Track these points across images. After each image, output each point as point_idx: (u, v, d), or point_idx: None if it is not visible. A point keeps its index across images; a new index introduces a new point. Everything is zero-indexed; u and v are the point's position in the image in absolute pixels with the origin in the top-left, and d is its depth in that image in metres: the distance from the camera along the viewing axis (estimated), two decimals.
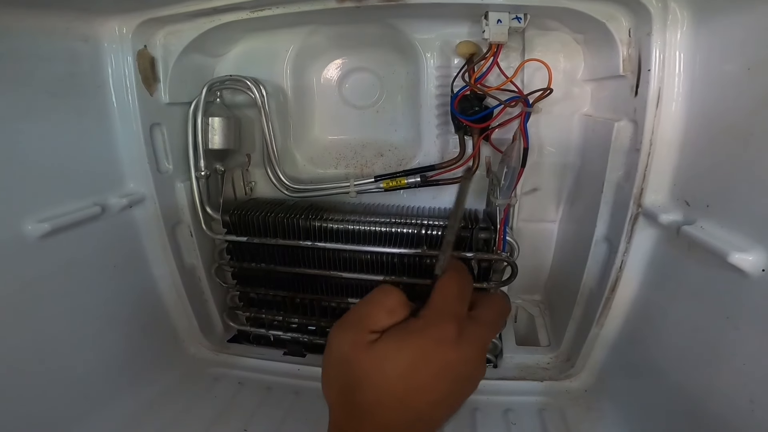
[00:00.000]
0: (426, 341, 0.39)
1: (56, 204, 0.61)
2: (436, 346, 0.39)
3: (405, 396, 0.38)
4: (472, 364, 0.41)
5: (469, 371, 0.41)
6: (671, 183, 0.58)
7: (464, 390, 0.42)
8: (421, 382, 0.38)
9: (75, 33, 0.62)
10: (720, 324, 0.49)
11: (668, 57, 0.55)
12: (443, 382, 0.39)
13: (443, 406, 0.41)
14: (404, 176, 0.78)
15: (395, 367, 0.38)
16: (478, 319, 0.43)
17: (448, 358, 0.39)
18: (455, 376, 0.40)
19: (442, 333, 0.40)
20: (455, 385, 0.40)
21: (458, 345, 0.40)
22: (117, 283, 0.71)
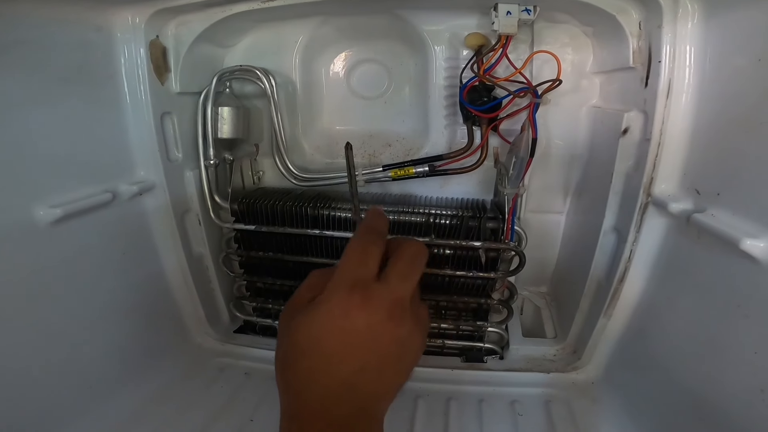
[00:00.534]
0: (324, 314, 0.39)
1: (68, 190, 0.61)
2: (334, 317, 0.39)
3: (320, 367, 0.38)
4: (386, 325, 0.39)
5: (385, 334, 0.39)
6: (681, 172, 0.58)
7: (393, 353, 0.40)
8: (331, 352, 0.38)
9: (88, 22, 0.62)
10: (730, 312, 0.49)
11: (679, 49, 0.55)
12: (358, 349, 0.38)
13: (371, 372, 0.39)
14: (412, 166, 0.78)
15: (304, 341, 0.39)
16: (385, 277, 0.41)
17: (354, 325, 0.38)
18: (369, 342, 0.39)
19: (339, 303, 0.39)
20: (375, 351, 0.39)
21: (363, 310, 0.38)
22: (126, 271, 0.71)
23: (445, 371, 0.82)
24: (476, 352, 0.85)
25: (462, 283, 0.80)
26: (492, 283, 0.78)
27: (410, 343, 0.41)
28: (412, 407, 0.74)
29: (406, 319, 0.40)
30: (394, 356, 0.40)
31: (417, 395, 0.76)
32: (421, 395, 0.76)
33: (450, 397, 0.76)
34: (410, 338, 0.41)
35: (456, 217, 0.73)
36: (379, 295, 0.40)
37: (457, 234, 0.74)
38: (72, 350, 0.63)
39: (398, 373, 0.42)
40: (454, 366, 0.83)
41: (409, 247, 0.45)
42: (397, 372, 0.41)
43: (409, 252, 0.44)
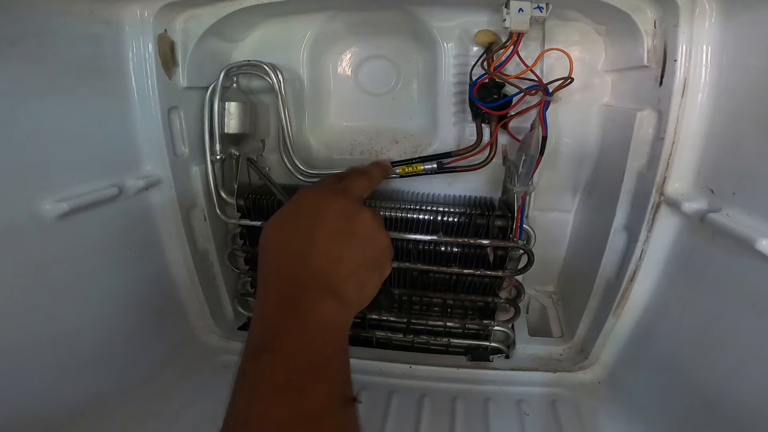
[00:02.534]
0: (288, 204, 0.48)
1: (74, 184, 0.60)
2: (292, 203, 0.48)
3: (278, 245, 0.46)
4: (331, 201, 0.46)
5: (330, 208, 0.46)
6: (695, 171, 0.58)
7: (342, 228, 0.46)
8: (287, 230, 0.46)
9: (98, 16, 0.62)
10: (744, 312, 0.49)
11: (695, 48, 0.55)
12: (307, 223, 0.45)
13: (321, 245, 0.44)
14: (420, 162, 0.78)
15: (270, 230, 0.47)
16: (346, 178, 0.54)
17: (303, 204, 0.47)
18: (316, 216, 0.45)
19: (298, 196, 0.48)
20: (322, 224, 0.45)
21: (312, 192, 0.48)
22: (131, 266, 0.71)
23: (450, 370, 0.81)
24: (482, 350, 0.85)
25: (469, 281, 0.79)
26: (499, 282, 0.78)
27: (362, 224, 0.47)
28: (417, 406, 0.74)
29: (352, 199, 0.48)
30: (344, 232, 0.45)
31: (423, 394, 0.76)
32: (426, 394, 0.76)
33: (456, 396, 0.76)
34: (359, 218, 0.47)
35: (464, 215, 0.73)
36: (328, 183, 0.51)
37: (465, 232, 0.74)
38: (76, 345, 0.62)
39: (354, 253, 0.45)
40: (459, 365, 0.83)
41: (370, 163, 0.62)
42: (352, 250, 0.45)
43: (366, 166, 0.61)
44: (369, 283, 0.48)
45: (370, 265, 0.47)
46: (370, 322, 0.87)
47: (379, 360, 0.83)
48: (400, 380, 0.80)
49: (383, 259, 0.49)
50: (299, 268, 0.43)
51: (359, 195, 0.52)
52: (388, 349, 0.87)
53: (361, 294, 0.46)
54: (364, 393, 0.76)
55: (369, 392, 0.76)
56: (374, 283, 0.49)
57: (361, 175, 0.56)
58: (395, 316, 0.86)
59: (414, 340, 0.86)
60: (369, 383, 0.78)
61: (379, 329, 0.87)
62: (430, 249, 0.76)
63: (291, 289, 0.42)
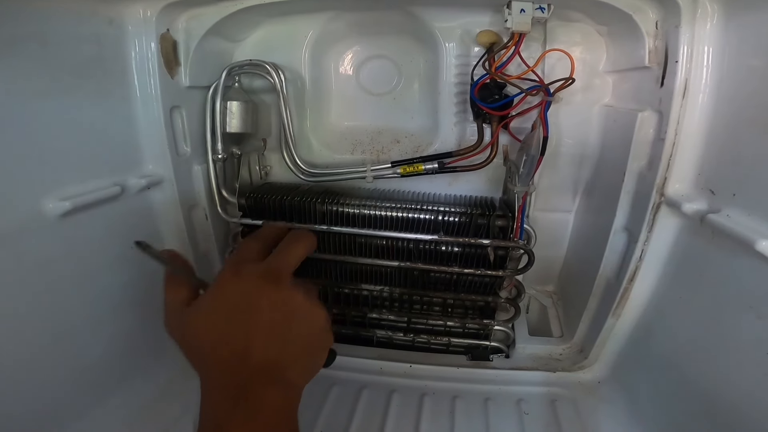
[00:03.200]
0: (205, 298, 0.46)
1: (77, 183, 0.60)
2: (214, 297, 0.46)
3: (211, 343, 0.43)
4: (261, 290, 0.44)
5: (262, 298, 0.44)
6: (696, 172, 0.58)
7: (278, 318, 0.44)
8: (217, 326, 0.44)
9: (100, 15, 0.61)
10: (743, 312, 0.49)
11: (697, 49, 0.55)
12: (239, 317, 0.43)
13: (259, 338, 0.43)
14: (421, 162, 0.78)
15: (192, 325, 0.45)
16: (265, 258, 0.49)
17: (230, 296, 0.45)
18: (248, 309, 0.44)
19: (216, 285, 0.46)
20: (256, 317, 0.43)
21: (236, 281, 0.45)
22: (133, 265, 0.70)
23: (450, 369, 0.82)
24: (482, 350, 0.85)
25: (469, 280, 0.79)
26: (500, 282, 0.78)
27: (297, 308, 0.45)
28: (417, 405, 0.74)
29: (282, 285, 0.46)
30: (280, 321, 0.44)
31: (423, 393, 0.76)
32: (426, 393, 0.76)
33: (456, 396, 0.76)
34: (293, 302, 0.45)
35: (465, 215, 0.73)
36: (252, 268, 0.46)
37: (466, 232, 0.74)
38: (77, 344, 0.62)
39: (294, 339, 0.45)
40: (459, 364, 0.83)
41: (293, 234, 0.54)
42: (291, 337, 0.44)
43: (290, 236, 0.53)
44: (314, 363, 0.48)
45: (313, 347, 0.47)
46: (371, 322, 0.87)
47: (379, 359, 0.83)
48: (401, 379, 0.80)
49: (323, 334, 0.48)
50: (240, 365, 0.42)
51: (289, 274, 0.48)
52: (389, 348, 0.87)
53: (306, 374, 0.47)
54: (364, 392, 0.76)
55: (369, 391, 0.77)
56: (319, 358, 0.48)
57: (285, 252, 0.51)
58: (396, 315, 0.86)
59: (414, 339, 0.87)
60: (369, 382, 0.79)
61: (379, 328, 0.87)
62: (431, 248, 0.76)
63: (235, 385, 0.41)
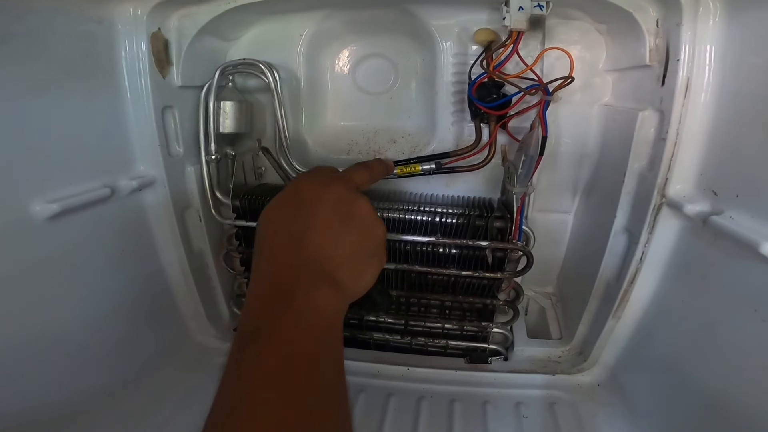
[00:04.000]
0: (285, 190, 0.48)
1: (65, 185, 0.59)
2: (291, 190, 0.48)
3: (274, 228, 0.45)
4: (328, 189, 0.46)
5: (327, 196, 0.46)
6: (697, 173, 0.57)
7: (338, 214, 0.45)
8: (283, 215, 0.46)
9: (90, 14, 0.60)
10: (747, 316, 0.48)
11: (698, 48, 0.54)
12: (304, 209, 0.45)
13: (316, 231, 0.44)
14: (418, 163, 0.77)
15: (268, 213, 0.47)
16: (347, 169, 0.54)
17: (301, 190, 0.47)
18: (312, 203, 0.45)
19: (296, 181, 0.49)
20: (318, 211, 0.45)
21: (310, 180, 0.48)
22: (124, 268, 0.70)
23: (448, 372, 0.81)
24: (480, 353, 0.84)
25: (467, 283, 0.78)
26: (498, 284, 0.77)
27: (359, 212, 0.47)
28: (415, 409, 0.73)
29: (350, 187, 0.48)
30: (341, 217, 0.45)
31: (420, 396, 0.75)
32: (424, 396, 0.75)
33: (454, 399, 0.75)
34: (357, 205, 0.47)
35: (463, 216, 0.72)
36: (326, 172, 0.50)
37: (464, 233, 0.73)
38: (69, 348, 0.62)
39: (351, 239, 0.45)
40: (457, 367, 0.82)
41: (373, 160, 0.61)
42: (349, 236, 0.45)
43: (373, 162, 0.60)
44: (365, 271, 0.47)
45: (367, 253, 0.46)
46: (368, 324, 0.86)
47: (376, 362, 0.82)
48: (398, 383, 0.79)
49: (379, 248, 0.48)
50: (294, 254, 0.42)
51: (357, 184, 0.52)
52: (386, 351, 0.86)
53: (357, 282, 0.46)
54: (361, 395, 0.75)
55: (366, 395, 0.76)
56: (371, 271, 0.48)
57: (362, 167, 0.55)
58: (393, 317, 0.85)
59: (412, 342, 0.86)
60: (366, 386, 0.78)
61: (376, 331, 0.86)
62: (429, 250, 0.75)
63: (285, 276, 0.42)
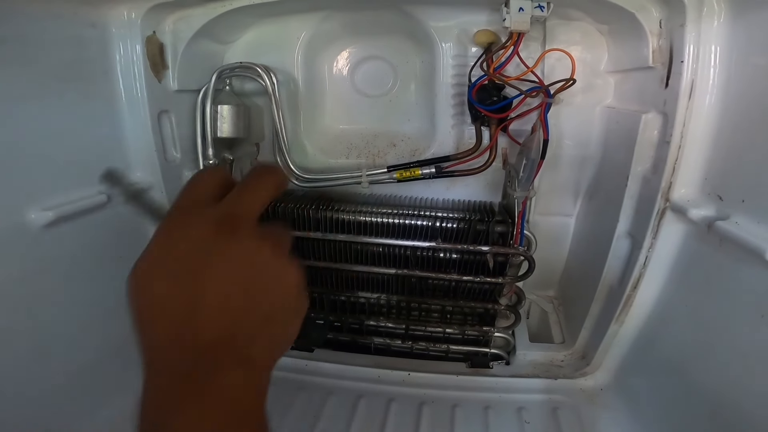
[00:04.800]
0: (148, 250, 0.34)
1: (61, 192, 0.58)
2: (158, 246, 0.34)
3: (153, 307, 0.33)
4: (215, 243, 0.33)
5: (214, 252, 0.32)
6: (702, 177, 0.56)
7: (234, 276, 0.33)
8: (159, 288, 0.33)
9: (83, 18, 0.60)
10: (753, 322, 0.48)
11: (703, 49, 0.53)
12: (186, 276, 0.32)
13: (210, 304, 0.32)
14: (418, 167, 0.76)
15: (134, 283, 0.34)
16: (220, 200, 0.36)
17: (177, 248, 0.33)
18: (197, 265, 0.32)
19: (162, 231, 0.34)
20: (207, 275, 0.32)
21: (184, 228, 0.33)
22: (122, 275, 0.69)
23: (450, 377, 0.80)
24: (482, 357, 0.83)
25: (468, 287, 0.78)
26: (500, 288, 0.76)
27: (261, 266, 0.34)
28: (416, 414, 0.72)
29: (242, 235, 0.34)
30: (238, 283, 0.33)
31: (422, 402, 0.74)
32: (425, 402, 0.74)
33: (455, 404, 0.74)
34: (256, 258, 0.34)
35: (463, 221, 0.71)
36: (203, 213, 0.34)
37: (465, 238, 0.72)
38: (67, 355, 0.61)
39: (256, 305, 0.34)
40: (459, 372, 0.81)
41: (257, 168, 0.39)
42: (253, 303, 0.33)
43: (254, 171, 0.39)
44: (283, 333, 0.37)
45: (281, 315, 0.36)
46: (368, 329, 0.85)
47: (377, 367, 0.82)
48: (399, 388, 0.78)
49: (295, 300, 0.37)
50: (187, 341, 0.32)
51: (252, 221, 0.35)
52: (387, 356, 0.85)
53: (275, 350, 0.36)
54: (361, 401, 0.75)
55: (367, 400, 0.75)
56: (291, 330, 0.38)
57: (246, 191, 0.37)
58: (394, 321, 0.85)
59: (413, 347, 0.85)
60: (366, 391, 0.77)
61: (377, 335, 0.86)
62: (429, 255, 0.74)
63: (181, 368, 0.32)
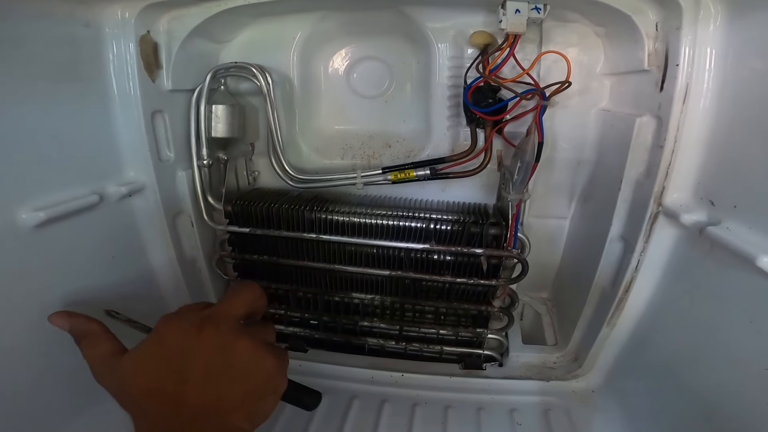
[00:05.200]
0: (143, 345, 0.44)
1: (53, 192, 0.58)
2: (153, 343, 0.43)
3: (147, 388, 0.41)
4: (200, 335, 0.42)
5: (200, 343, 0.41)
6: (695, 182, 0.56)
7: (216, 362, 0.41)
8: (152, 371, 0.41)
9: (77, 17, 0.59)
10: (742, 327, 0.48)
11: (698, 52, 0.53)
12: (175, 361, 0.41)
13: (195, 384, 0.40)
14: (413, 168, 0.76)
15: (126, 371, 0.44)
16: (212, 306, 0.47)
17: (168, 340, 0.42)
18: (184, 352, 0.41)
19: (156, 331, 0.44)
20: (193, 360, 0.41)
21: (173, 325, 0.43)
22: (115, 275, 0.68)
23: (443, 378, 0.80)
24: (475, 358, 0.83)
25: (462, 289, 0.78)
26: (493, 290, 0.77)
27: (239, 352, 0.42)
28: (409, 416, 0.73)
29: (222, 328, 0.43)
30: (217, 367, 0.41)
31: (414, 403, 0.75)
32: (418, 403, 0.75)
33: (448, 405, 0.74)
34: (235, 345, 0.42)
35: (457, 223, 0.71)
36: (192, 315, 0.44)
37: (459, 240, 0.72)
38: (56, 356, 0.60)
39: (236, 381, 0.42)
40: (452, 373, 0.81)
41: (239, 285, 0.53)
42: (232, 380, 0.41)
43: (237, 288, 0.50)
44: (260, 409, 0.44)
45: (257, 394, 0.43)
46: (362, 329, 0.86)
47: (370, 368, 0.82)
48: (392, 389, 0.78)
49: (272, 383, 0.45)
50: (176, 410, 0.39)
51: (231, 319, 0.45)
52: (380, 357, 0.85)
53: (255, 418, 0.43)
54: (355, 402, 0.75)
55: (360, 401, 0.75)
56: (267, 407, 0.45)
57: (227, 299, 0.49)
58: (387, 323, 0.85)
59: (406, 347, 0.85)
60: (360, 392, 0.77)
61: (370, 336, 0.86)
62: (423, 257, 0.74)
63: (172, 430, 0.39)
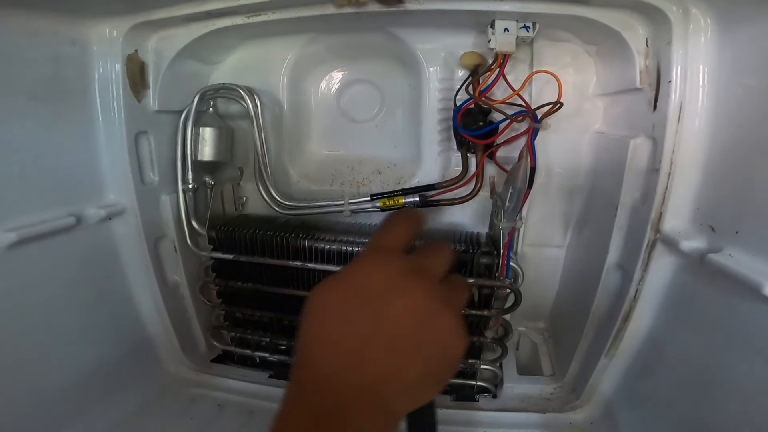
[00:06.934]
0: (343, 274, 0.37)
1: (26, 213, 0.57)
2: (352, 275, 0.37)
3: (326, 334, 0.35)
4: (400, 290, 0.35)
5: (399, 300, 0.35)
6: (694, 206, 0.54)
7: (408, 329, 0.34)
8: (339, 316, 0.35)
9: (63, 35, 0.59)
10: (749, 358, 0.45)
11: (690, 68, 0.51)
12: (367, 313, 0.35)
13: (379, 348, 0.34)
14: (402, 195, 0.74)
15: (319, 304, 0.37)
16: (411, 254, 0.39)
17: (369, 282, 0.36)
18: (380, 308, 0.34)
19: (358, 264, 0.37)
20: (386, 320, 0.34)
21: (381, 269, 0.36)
22: (92, 298, 0.67)
23: None
24: (467, 390, 0.80)
25: None
26: (485, 321, 0.73)
27: (440, 327, 0.35)
28: None
29: (436, 296, 0.35)
30: (414, 333, 0.34)
31: None
32: None
33: None
34: (440, 319, 0.35)
35: None
36: (405, 259, 0.37)
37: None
38: (29, 382, 0.59)
39: (418, 360, 0.35)
40: (443, 405, 0.77)
41: (439, 243, 0.42)
42: (416, 356, 0.35)
43: (435, 244, 0.42)
44: (424, 397, 0.38)
45: (435, 378, 0.37)
46: None
47: None
48: None
49: (451, 369, 0.38)
50: (347, 376, 0.34)
51: (438, 281, 0.38)
52: None
53: (411, 407, 0.37)
54: None
55: None
56: (431, 395, 0.38)
57: (435, 256, 0.40)
58: None
59: None
60: None
61: None
62: None
63: (333, 395, 0.33)
